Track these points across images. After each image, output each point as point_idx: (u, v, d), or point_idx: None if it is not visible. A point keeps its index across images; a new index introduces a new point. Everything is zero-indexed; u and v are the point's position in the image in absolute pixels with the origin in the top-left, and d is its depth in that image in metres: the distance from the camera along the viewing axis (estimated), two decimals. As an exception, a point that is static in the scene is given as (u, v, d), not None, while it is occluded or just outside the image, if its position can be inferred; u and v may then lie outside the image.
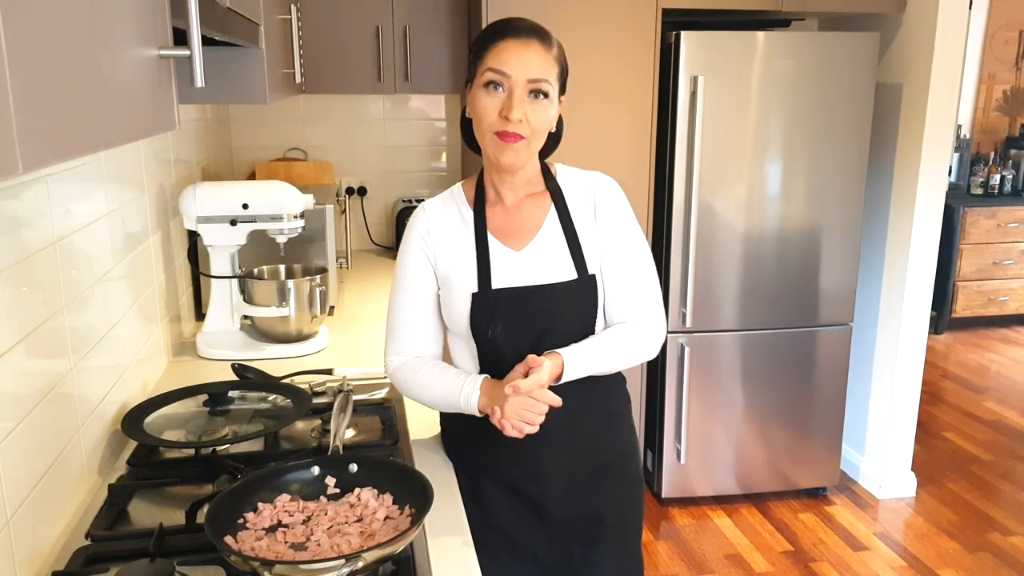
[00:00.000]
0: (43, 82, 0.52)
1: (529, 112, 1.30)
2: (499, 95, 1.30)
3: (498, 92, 1.30)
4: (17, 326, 1.17)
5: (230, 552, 1.06)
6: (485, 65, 1.31)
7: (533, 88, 1.30)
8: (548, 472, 1.44)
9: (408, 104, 3.45)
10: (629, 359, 1.44)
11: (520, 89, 1.29)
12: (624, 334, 1.43)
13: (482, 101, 1.31)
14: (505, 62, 1.29)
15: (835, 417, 3.18)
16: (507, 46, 1.29)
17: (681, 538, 2.98)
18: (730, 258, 2.96)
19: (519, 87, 1.29)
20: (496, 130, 1.31)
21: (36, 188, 1.26)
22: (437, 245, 1.42)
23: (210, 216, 2.06)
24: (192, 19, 0.78)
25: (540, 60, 1.30)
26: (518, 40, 1.30)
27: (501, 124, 1.30)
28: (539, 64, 1.30)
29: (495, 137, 1.31)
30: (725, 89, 2.82)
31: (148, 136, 0.76)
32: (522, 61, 1.29)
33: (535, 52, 1.30)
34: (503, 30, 1.32)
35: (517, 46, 1.29)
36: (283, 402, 1.68)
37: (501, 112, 1.29)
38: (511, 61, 1.29)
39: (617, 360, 1.43)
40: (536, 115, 1.31)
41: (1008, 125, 5.67)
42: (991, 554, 2.88)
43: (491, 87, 1.30)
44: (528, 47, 1.30)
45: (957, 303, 5.20)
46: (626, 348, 1.43)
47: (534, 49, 1.30)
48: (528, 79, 1.29)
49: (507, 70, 1.29)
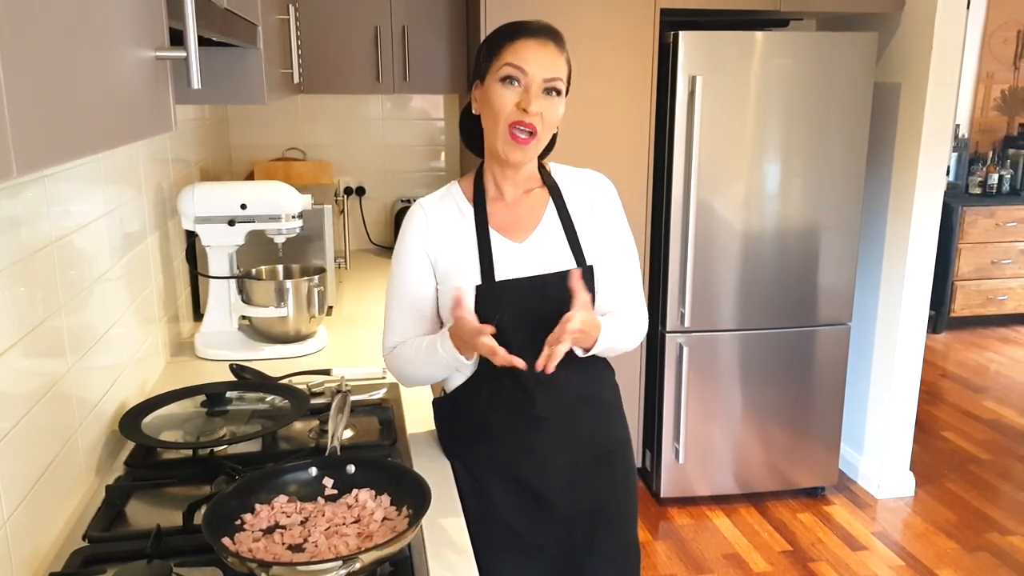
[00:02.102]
0: (38, 84, 0.52)
1: (544, 107, 1.37)
2: (515, 89, 1.36)
3: (515, 87, 1.36)
4: (15, 326, 1.17)
5: (227, 553, 1.06)
6: (503, 60, 1.36)
7: (548, 86, 1.37)
8: (552, 462, 1.47)
9: (407, 104, 3.45)
10: (629, 343, 1.50)
11: (536, 86, 1.36)
12: (627, 318, 1.49)
13: (499, 94, 1.37)
14: (523, 59, 1.35)
15: (834, 417, 3.19)
16: (526, 44, 1.36)
17: (680, 538, 2.98)
18: (728, 258, 2.96)
19: (535, 84, 1.36)
20: (512, 120, 1.36)
21: (34, 188, 1.26)
22: (436, 240, 1.45)
23: (208, 216, 2.06)
24: (189, 20, 0.78)
25: (555, 60, 1.37)
26: (536, 40, 1.37)
27: (518, 115, 1.36)
28: (554, 64, 1.37)
29: (507, 134, 1.37)
30: (723, 89, 2.82)
31: (144, 138, 0.76)
32: (539, 60, 1.35)
33: (551, 52, 1.37)
34: (521, 29, 1.38)
35: (535, 45, 1.36)
36: (281, 403, 1.68)
37: (519, 104, 1.35)
38: (529, 59, 1.35)
39: (625, 342, 1.48)
40: (549, 111, 1.38)
41: (1006, 124, 5.67)
42: (989, 553, 2.88)
43: (508, 81, 1.36)
44: (545, 47, 1.37)
45: (955, 302, 5.20)
46: (630, 332, 1.49)
47: (550, 50, 1.37)
48: (544, 77, 1.36)
49: (525, 67, 1.35)
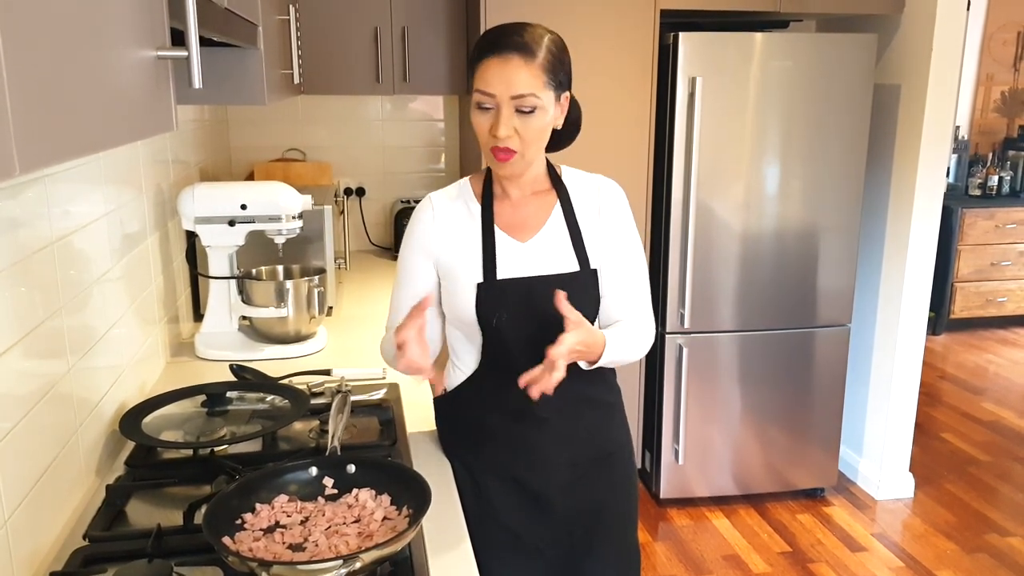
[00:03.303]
0: (40, 83, 0.52)
1: (518, 126, 1.33)
2: (489, 113, 1.34)
3: (488, 111, 1.34)
4: (15, 326, 1.17)
5: (228, 553, 1.06)
6: (474, 86, 1.34)
7: (517, 105, 1.32)
8: (552, 463, 1.47)
9: (407, 105, 3.45)
10: (635, 355, 1.47)
11: (506, 106, 1.31)
12: (634, 329, 1.46)
13: (475, 119, 1.36)
14: (488, 82, 1.31)
15: (833, 418, 3.19)
16: (488, 65, 1.32)
17: (679, 539, 2.98)
18: (728, 259, 2.96)
19: (504, 104, 1.31)
20: (490, 146, 1.35)
21: (34, 189, 1.26)
22: (441, 236, 1.45)
23: (208, 217, 2.06)
24: (190, 20, 0.78)
25: (521, 75, 1.30)
26: (499, 58, 1.31)
27: (492, 141, 1.34)
28: (520, 79, 1.30)
29: (490, 154, 1.36)
30: (723, 90, 2.83)
31: (146, 137, 0.76)
32: (503, 79, 1.30)
33: (515, 68, 1.30)
34: (486, 48, 1.33)
35: (497, 64, 1.31)
36: (281, 403, 1.68)
37: (491, 131, 1.33)
38: (493, 81, 1.31)
39: (631, 354, 1.46)
40: (526, 128, 1.33)
41: (1006, 126, 5.68)
42: (989, 555, 2.88)
43: (480, 107, 1.34)
44: (508, 64, 1.30)
45: (955, 304, 5.20)
46: (636, 343, 1.47)
47: (514, 65, 1.30)
48: (511, 96, 1.31)
49: (490, 90, 1.31)
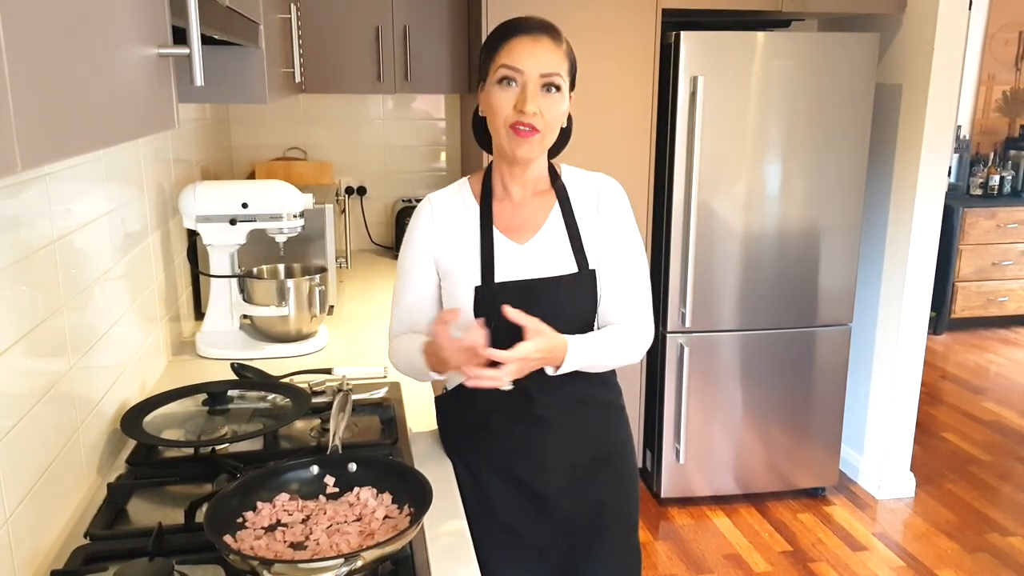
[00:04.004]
0: (42, 80, 0.52)
1: (543, 105, 1.34)
2: (513, 90, 1.34)
3: (512, 87, 1.34)
4: (16, 325, 1.17)
5: (229, 551, 1.06)
6: (498, 62, 1.34)
7: (545, 82, 1.33)
8: (552, 463, 1.46)
9: (408, 104, 3.45)
10: (621, 359, 1.46)
11: (533, 84, 1.33)
12: (620, 333, 1.45)
13: (497, 96, 1.35)
14: (517, 58, 1.32)
15: (834, 417, 3.18)
16: (519, 42, 1.33)
17: (680, 538, 2.98)
18: (729, 258, 2.96)
19: (532, 81, 1.32)
20: (511, 123, 1.34)
21: (35, 187, 1.26)
22: (440, 238, 1.44)
23: (209, 215, 2.06)
24: (192, 18, 0.78)
25: (551, 55, 1.33)
26: (529, 36, 1.33)
27: (516, 116, 1.33)
28: (550, 59, 1.33)
29: (510, 131, 1.35)
30: (725, 89, 2.82)
31: (147, 135, 0.76)
32: (534, 56, 1.32)
33: (546, 47, 1.33)
34: (514, 27, 1.35)
35: (528, 42, 1.33)
36: (282, 401, 1.68)
37: (516, 106, 1.33)
38: (523, 57, 1.32)
39: (611, 358, 1.44)
40: (549, 108, 1.34)
41: (1008, 126, 5.67)
42: (990, 554, 2.88)
43: (504, 83, 1.34)
44: (539, 42, 1.33)
45: (956, 304, 5.20)
46: (621, 348, 1.44)
47: (545, 44, 1.33)
48: (540, 73, 1.33)
49: (519, 65, 1.32)
